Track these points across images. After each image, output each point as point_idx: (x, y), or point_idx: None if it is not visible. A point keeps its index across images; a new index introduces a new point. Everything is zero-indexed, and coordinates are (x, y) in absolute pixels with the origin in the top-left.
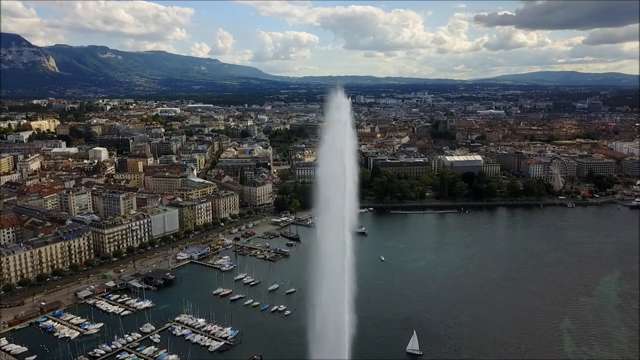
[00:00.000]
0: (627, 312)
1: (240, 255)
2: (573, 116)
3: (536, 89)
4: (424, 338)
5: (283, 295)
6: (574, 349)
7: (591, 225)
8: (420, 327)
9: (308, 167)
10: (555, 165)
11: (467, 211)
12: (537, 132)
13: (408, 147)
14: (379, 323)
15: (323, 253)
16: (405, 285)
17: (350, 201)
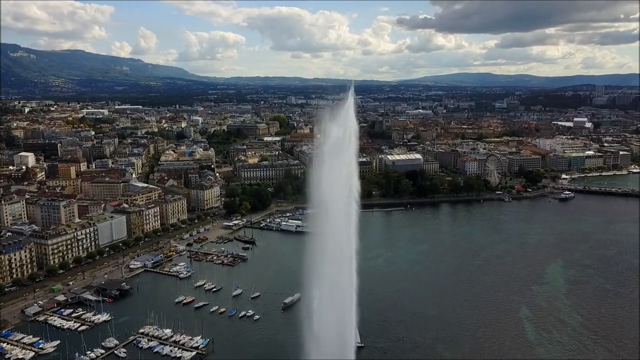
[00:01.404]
0: (576, 298)
1: (196, 261)
2: (495, 115)
3: (456, 89)
4: (393, 333)
5: (248, 300)
6: (536, 336)
7: (528, 218)
8: (388, 323)
9: (253, 169)
10: (491, 162)
11: (414, 208)
12: (467, 130)
13: None
14: None
15: (326, 253)
16: (368, 282)
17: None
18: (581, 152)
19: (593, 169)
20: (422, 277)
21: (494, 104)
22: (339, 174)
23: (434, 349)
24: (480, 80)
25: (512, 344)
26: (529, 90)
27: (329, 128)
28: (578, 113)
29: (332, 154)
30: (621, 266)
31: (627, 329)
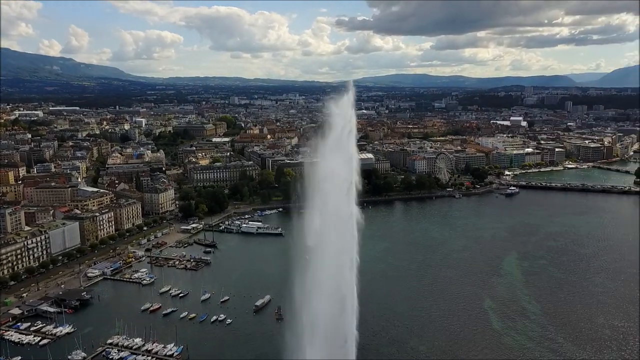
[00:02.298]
0: (533, 288)
1: (158, 267)
2: (436, 115)
3: (394, 90)
4: (368, 329)
5: (218, 304)
6: (502, 325)
7: (479, 213)
8: (362, 318)
9: (206, 171)
10: (441, 160)
11: (370, 206)
12: (413, 130)
13: (301, 148)
14: None
15: (326, 251)
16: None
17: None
18: (521, 150)
19: (532, 165)
20: (387, 274)
21: (434, 104)
22: (338, 165)
23: (409, 343)
24: (417, 81)
25: (482, 334)
26: (463, 90)
27: (329, 121)
28: (512, 112)
29: (332, 147)
30: (569, 256)
31: (581, 315)
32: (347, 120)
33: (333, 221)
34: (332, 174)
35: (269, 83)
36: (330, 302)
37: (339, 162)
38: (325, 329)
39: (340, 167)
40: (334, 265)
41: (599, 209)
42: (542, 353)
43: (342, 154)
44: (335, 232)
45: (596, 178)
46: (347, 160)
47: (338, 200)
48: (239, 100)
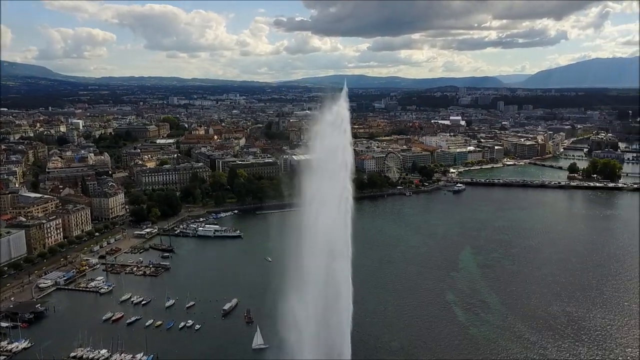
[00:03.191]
0: (490, 280)
1: (115, 274)
2: (377, 115)
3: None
4: None
5: (184, 310)
6: (466, 317)
7: (430, 210)
8: None
9: (155, 173)
10: (391, 159)
11: None
12: (359, 130)
13: (250, 148)
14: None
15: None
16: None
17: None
18: (463, 148)
19: (474, 162)
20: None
21: (374, 104)
22: (333, 154)
23: (382, 339)
24: (356, 81)
25: (449, 327)
26: (400, 91)
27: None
28: (450, 112)
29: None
30: (519, 249)
31: (537, 303)
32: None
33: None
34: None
35: (207, 83)
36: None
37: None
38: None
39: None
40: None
41: (539, 203)
42: (507, 340)
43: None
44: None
45: (533, 174)
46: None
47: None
48: (178, 101)
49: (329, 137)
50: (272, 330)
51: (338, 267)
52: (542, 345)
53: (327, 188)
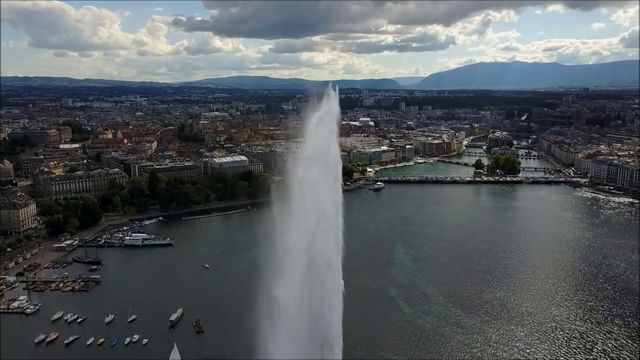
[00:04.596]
0: (426, 273)
1: (38, 292)
2: (287, 116)
3: (238, 92)
4: None
5: (126, 325)
6: (411, 310)
7: (356, 208)
8: None
9: (66, 181)
10: None
11: (255, 209)
12: (276, 131)
13: (165, 152)
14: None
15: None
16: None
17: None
18: (378, 148)
19: (388, 161)
20: None
21: (282, 105)
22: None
23: None
24: (259, 83)
25: (398, 320)
26: (304, 92)
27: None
28: (356, 113)
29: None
30: (445, 242)
31: (471, 292)
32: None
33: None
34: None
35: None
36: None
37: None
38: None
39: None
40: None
41: (453, 198)
42: (452, 329)
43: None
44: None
45: (442, 170)
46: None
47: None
48: (73, 103)
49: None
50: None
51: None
52: (482, 329)
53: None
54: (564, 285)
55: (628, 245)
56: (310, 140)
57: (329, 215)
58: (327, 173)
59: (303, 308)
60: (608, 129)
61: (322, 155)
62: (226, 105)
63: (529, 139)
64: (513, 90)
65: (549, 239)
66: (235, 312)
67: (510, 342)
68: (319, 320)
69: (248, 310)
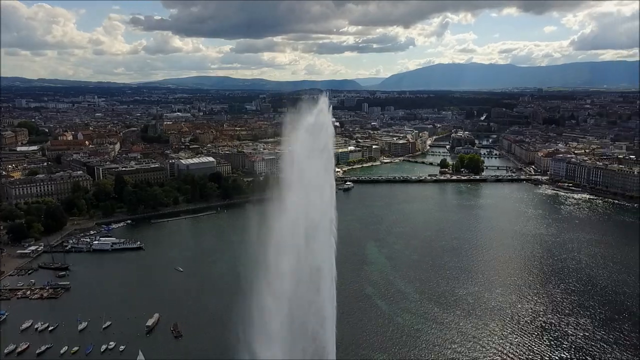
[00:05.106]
0: (400, 271)
1: (4, 301)
2: (252, 117)
3: (199, 92)
4: None
5: (101, 332)
6: (389, 308)
7: None
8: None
9: (27, 185)
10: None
11: (225, 210)
12: (242, 132)
13: (130, 154)
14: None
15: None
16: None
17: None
18: (345, 148)
19: (356, 161)
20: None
21: (245, 106)
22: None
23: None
24: (220, 83)
25: (378, 319)
26: (266, 92)
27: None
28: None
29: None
30: (417, 240)
31: (445, 288)
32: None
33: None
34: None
35: (57, 84)
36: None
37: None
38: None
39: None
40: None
41: (421, 197)
42: (431, 325)
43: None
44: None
45: (409, 170)
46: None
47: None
48: (27, 103)
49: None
50: (204, 342)
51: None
52: (458, 324)
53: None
54: (533, 279)
55: (589, 240)
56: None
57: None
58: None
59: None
60: (563, 128)
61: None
62: (188, 106)
63: (489, 139)
64: (471, 90)
65: (515, 235)
66: (213, 315)
67: (486, 336)
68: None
69: (232, 316)
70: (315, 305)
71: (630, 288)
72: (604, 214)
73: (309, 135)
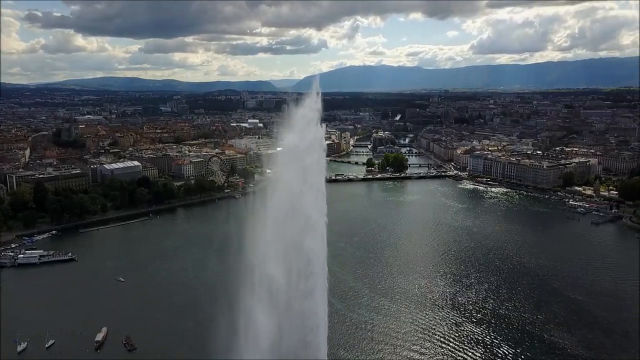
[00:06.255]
0: (349, 268)
1: None
2: (170, 119)
3: (107, 93)
4: None
5: (45, 351)
6: (343, 305)
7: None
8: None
9: None
10: (214, 163)
11: (158, 216)
12: (163, 134)
13: (44, 160)
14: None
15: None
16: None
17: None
18: (274, 149)
19: None
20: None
21: (161, 107)
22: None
23: None
24: (129, 84)
25: (331, 316)
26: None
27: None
28: (240, 114)
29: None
30: (358, 237)
31: (392, 282)
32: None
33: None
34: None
35: None
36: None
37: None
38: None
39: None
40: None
41: (352, 195)
42: (385, 319)
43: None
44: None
45: (336, 169)
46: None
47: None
48: None
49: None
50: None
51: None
52: (410, 314)
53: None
54: (471, 269)
55: (513, 230)
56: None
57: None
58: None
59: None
60: (474, 127)
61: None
62: (97, 108)
63: (407, 138)
64: (382, 92)
65: (447, 228)
66: (165, 324)
67: (439, 326)
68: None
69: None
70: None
71: (552, 271)
72: (521, 205)
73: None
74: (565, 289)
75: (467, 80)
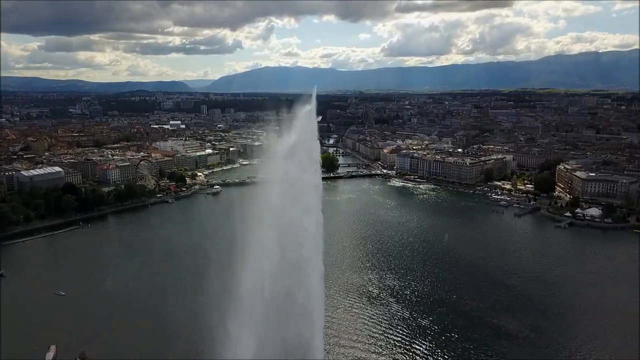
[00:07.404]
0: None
1: None
2: (82, 121)
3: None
4: None
5: None
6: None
7: (202, 213)
8: None
9: None
10: (144, 167)
11: (90, 224)
12: (81, 138)
13: None
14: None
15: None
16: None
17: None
18: (202, 152)
19: (215, 165)
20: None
21: (70, 110)
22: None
23: None
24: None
25: None
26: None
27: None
28: (158, 116)
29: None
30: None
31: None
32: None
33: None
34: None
35: None
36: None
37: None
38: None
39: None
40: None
41: None
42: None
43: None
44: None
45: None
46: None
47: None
48: None
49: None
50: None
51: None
52: (367, 309)
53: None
54: (419, 263)
55: (446, 223)
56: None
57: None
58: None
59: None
60: (394, 127)
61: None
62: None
63: (331, 138)
64: (297, 93)
65: (385, 224)
66: (117, 337)
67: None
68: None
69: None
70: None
71: (488, 261)
72: (449, 200)
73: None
74: (503, 277)
75: (379, 82)
